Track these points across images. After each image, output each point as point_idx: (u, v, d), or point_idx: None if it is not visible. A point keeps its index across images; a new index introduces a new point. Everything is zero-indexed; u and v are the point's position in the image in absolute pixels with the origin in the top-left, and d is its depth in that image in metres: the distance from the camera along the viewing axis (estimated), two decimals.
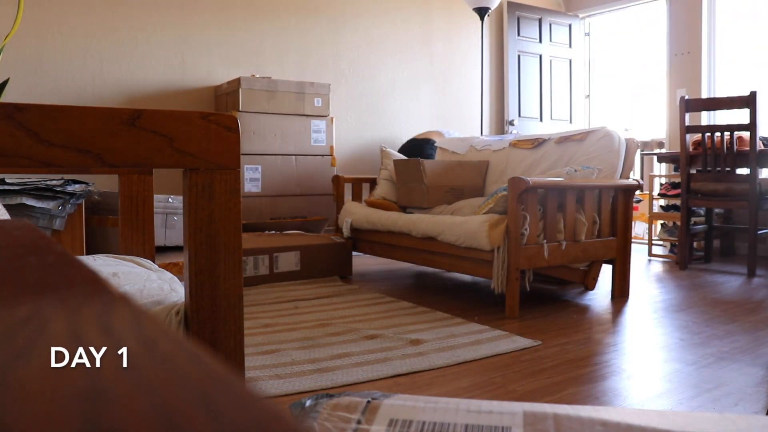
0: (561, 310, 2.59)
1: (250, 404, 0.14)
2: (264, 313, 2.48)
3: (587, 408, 0.85)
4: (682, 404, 1.52)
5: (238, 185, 0.82)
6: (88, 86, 3.61)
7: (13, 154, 0.69)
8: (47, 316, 0.21)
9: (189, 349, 0.18)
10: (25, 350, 0.17)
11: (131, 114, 0.75)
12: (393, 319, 2.37)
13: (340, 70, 4.48)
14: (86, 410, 0.13)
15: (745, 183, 3.45)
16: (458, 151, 3.78)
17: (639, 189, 2.80)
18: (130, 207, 1.53)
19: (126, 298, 0.23)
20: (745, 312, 2.53)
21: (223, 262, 0.82)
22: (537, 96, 5.41)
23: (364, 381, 1.67)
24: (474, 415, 0.85)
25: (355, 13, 4.55)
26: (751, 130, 3.34)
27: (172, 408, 0.13)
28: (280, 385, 1.62)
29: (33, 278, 0.26)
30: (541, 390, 1.61)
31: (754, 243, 3.46)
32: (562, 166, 3.00)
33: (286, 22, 4.25)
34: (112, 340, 0.18)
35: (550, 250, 2.52)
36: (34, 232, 0.39)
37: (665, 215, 4.09)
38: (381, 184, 3.62)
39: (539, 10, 5.39)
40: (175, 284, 1.16)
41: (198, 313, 0.81)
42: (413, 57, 4.85)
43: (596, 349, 2.00)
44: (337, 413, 0.91)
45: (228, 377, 0.16)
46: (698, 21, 4.68)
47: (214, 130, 0.80)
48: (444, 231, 2.68)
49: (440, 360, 1.85)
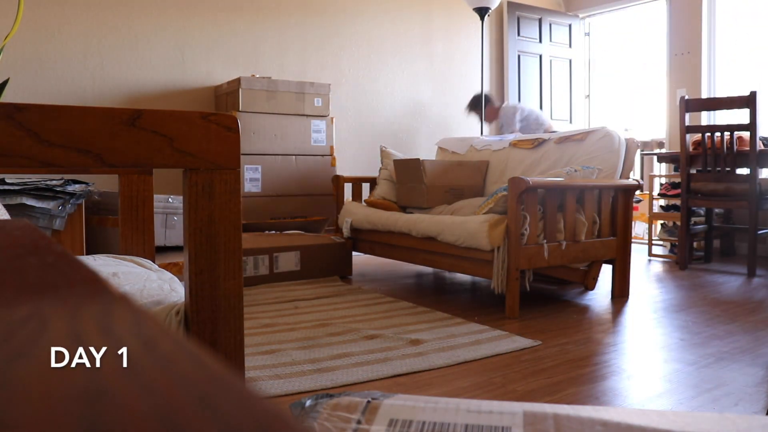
0: (561, 310, 2.59)
1: (250, 404, 0.14)
2: (264, 313, 2.48)
3: (587, 408, 0.85)
4: (682, 404, 1.52)
5: (238, 185, 0.82)
6: (88, 86, 3.61)
7: (13, 154, 0.69)
8: (47, 316, 0.21)
9: (189, 349, 0.18)
10: (25, 350, 0.17)
11: (131, 114, 0.75)
12: (393, 319, 2.37)
13: (340, 70, 4.48)
14: (86, 410, 0.13)
15: (745, 183, 3.45)
16: (458, 151, 3.78)
17: (639, 189, 2.80)
18: (130, 207, 1.53)
19: (126, 298, 0.23)
20: (745, 312, 2.53)
21: (223, 262, 0.82)
22: (537, 96, 5.41)
23: (364, 381, 1.67)
24: (474, 415, 0.85)
25: (355, 13, 4.55)
26: (751, 130, 3.34)
27: (172, 408, 0.13)
28: (280, 385, 1.62)
29: (33, 278, 0.26)
30: (541, 390, 1.61)
31: (754, 243, 3.46)
32: (562, 166, 3.00)
33: (286, 22, 4.25)
34: (112, 340, 0.18)
35: (550, 250, 2.52)
36: (34, 232, 0.39)
37: (665, 215, 4.09)
38: (381, 184, 3.62)
39: (539, 10, 5.39)
40: (175, 284, 1.16)
41: (198, 313, 0.81)
42: (413, 57, 4.85)
43: (596, 349, 2.00)
44: (337, 413, 0.91)
45: (228, 377, 0.16)
46: (698, 21, 4.68)
47: (214, 130, 0.80)
48: (444, 231, 2.68)
49: (440, 360, 1.84)
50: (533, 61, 5.38)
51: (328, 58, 4.43)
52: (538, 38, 5.40)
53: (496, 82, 5.36)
